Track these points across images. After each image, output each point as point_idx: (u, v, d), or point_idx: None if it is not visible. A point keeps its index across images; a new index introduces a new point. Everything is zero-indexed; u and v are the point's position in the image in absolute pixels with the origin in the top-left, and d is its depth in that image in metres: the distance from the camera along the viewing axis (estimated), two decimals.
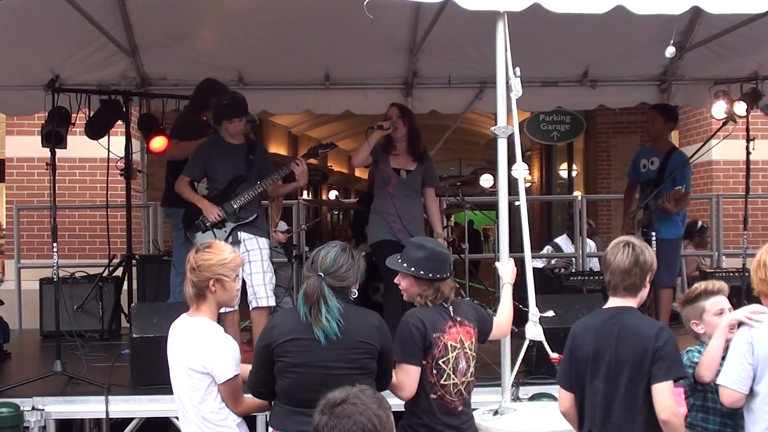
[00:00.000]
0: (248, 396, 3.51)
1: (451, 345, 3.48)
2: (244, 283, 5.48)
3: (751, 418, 3.35)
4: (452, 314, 3.54)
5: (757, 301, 3.58)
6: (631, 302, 3.34)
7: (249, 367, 3.51)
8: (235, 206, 5.64)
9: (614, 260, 3.32)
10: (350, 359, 3.23)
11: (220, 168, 5.69)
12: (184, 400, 3.45)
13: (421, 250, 3.59)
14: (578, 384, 3.37)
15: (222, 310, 5.09)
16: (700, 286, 3.74)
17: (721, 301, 3.71)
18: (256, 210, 5.76)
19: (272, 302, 5.66)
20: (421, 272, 3.51)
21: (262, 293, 5.58)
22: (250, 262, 5.57)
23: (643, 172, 6.55)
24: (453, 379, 3.49)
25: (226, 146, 5.71)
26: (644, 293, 3.36)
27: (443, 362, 3.47)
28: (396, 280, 3.64)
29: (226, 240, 5.50)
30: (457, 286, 3.75)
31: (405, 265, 3.56)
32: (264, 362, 3.31)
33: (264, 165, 5.82)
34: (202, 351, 3.38)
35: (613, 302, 3.37)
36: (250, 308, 5.61)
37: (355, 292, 3.34)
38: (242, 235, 5.64)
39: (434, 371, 3.46)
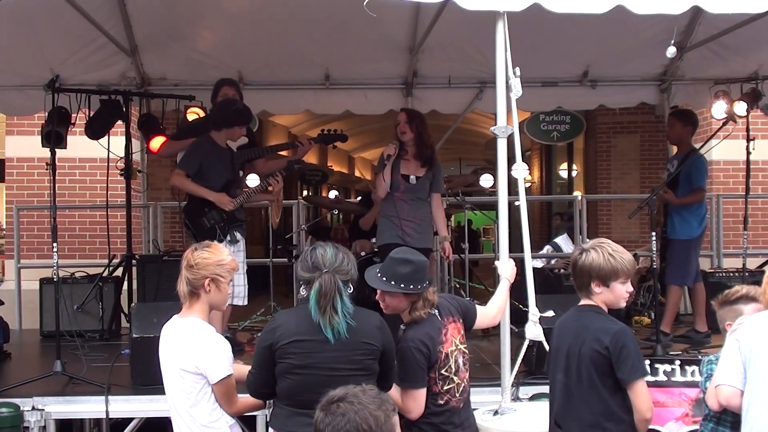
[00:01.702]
0: (242, 396, 3.50)
1: (450, 351, 3.49)
2: None
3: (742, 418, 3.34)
4: (440, 318, 3.53)
5: None
6: (590, 301, 3.42)
7: (240, 367, 3.52)
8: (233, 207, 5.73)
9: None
10: (353, 360, 3.22)
11: (214, 169, 5.77)
12: (177, 402, 3.44)
13: (407, 264, 3.48)
14: (550, 375, 3.53)
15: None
16: (741, 289, 3.65)
17: (760, 309, 3.53)
18: (243, 212, 5.93)
19: (246, 302, 5.82)
20: (411, 287, 3.46)
21: (242, 293, 5.75)
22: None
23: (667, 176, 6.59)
24: (456, 381, 3.50)
25: (218, 149, 5.83)
26: (607, 296, 3.38)
27: (446, 370, 3.47)
28: (378, 298, 3.55)
29: (227, 238, 5.59)
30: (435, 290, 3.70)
31: (393, 283, 3.46)
32: (265, 363, 3.29)
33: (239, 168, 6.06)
34: (194, 351, 3.38)
35: (581, 301, 3.48)
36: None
37: (351, 287, 3.31)
38: (237, 235, 5.78)
39: (439, 381, 3.46)
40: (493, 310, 3.94)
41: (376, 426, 2.30)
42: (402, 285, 3.46)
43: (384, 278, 3.49)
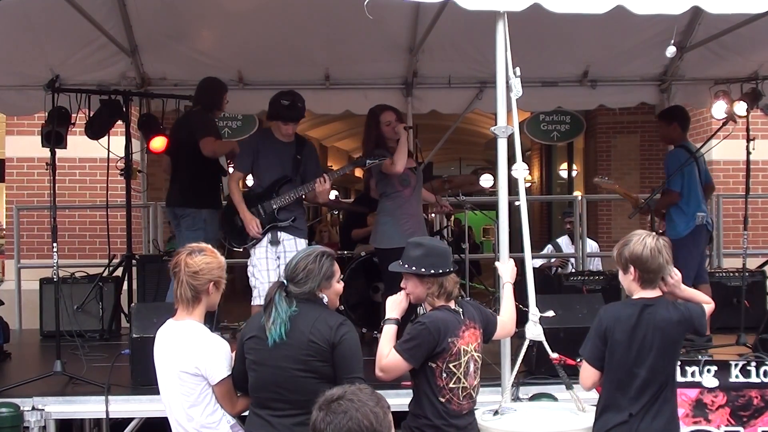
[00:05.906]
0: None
1: (463, 350, 3.49)
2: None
3: None
4: (463, 317, 3.54)
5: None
6: (659, 292, 3.49)
7: None
8: (274, 206, 5.59)
9: (660, 256, 3.44)
10: (300, 360, 3.26)
11: (266, 165, 5.64)
12: (176, 406, 3.45)
13: (418, 248, 3.59)
14: (613, 367, 3.46)
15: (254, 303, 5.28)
16: None
17: None
18: (296, 211, 5.69)
19: None
20: (422, 269, 3.50)
21: None
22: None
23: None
24: (463, 383, 3.49)
25: (275, 143, 5.66)
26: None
27: (454, 366, 3.47)
28: (402, 285, 3.64)
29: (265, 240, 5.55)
30: (460, 281, 3.74)
31: (406, 265, 3.55)
32: (239, 355, 3.44)
33: (310, 165, 5.76)
34: (194, 353, 3.39)
35: (644, 294, 3.48)
36: None
37: (324, 297, 3.40)
38: (281, 235, 5.60)
39: (444, 374, 3.46)
40: (508, 323, 3.93)
41: (376, 422, 2.31)
42: (413, 267, 3.51)
43: (399, 262, 3.60)
